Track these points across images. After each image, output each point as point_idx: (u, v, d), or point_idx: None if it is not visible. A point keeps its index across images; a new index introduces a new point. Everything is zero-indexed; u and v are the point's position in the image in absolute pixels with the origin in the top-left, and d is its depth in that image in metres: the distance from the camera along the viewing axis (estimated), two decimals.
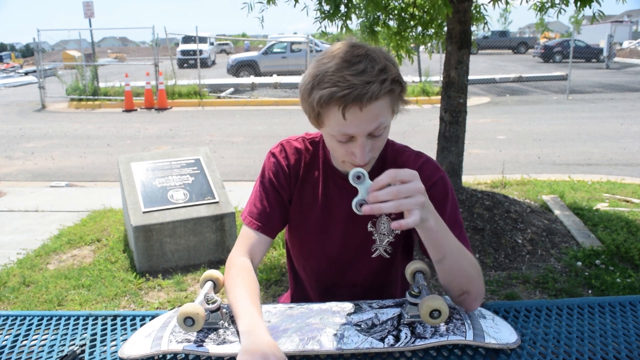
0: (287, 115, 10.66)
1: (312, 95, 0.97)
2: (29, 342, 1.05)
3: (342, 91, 0.93)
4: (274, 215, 1.19)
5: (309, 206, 1.21)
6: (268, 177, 1.20)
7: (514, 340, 0.94)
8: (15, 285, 3.18)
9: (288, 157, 1.21)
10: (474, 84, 14.56)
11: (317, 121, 1.02)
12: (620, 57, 24.59)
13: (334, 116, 0.97)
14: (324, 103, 0.96)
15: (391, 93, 0.97)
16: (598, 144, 7.26)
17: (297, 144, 1.23)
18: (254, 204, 1.20)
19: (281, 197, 1.20)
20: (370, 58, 0.96)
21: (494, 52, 31.58)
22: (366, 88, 0.92)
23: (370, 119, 0.96)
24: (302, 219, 1.22)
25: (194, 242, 3.48)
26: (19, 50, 52.02)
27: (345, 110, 0.94)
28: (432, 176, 1.13)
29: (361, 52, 0.97)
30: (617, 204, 4.46)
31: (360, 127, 0.97)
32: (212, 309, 1.00)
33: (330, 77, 0.95)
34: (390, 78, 0.96)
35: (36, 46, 13.31)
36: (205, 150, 4.00)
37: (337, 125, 0.98)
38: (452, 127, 3.79)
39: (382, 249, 1.19)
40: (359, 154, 1.00)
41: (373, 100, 0.94)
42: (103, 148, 7.84)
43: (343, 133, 0.99)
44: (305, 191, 1.21)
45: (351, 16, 3.56)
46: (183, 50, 22.86)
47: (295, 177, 1.21)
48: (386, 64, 0.96)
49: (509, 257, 3.37)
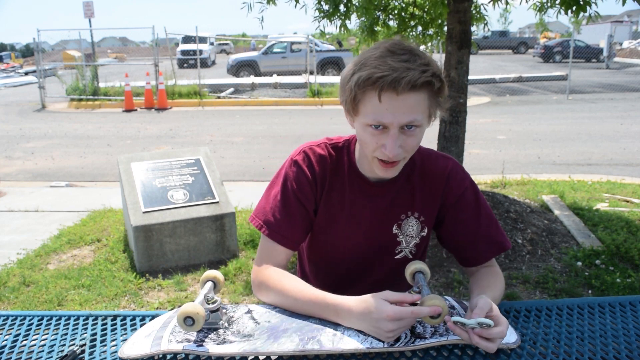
0: (287, 115, 10.66)
1: (352, 78, 0.99)
2: (29, 342, 1.05)
3: (382, 73, 0.94)
4: (296, 228, 1.15)
5: (335, 212, 1.19)
6: (291, 188, 1.15)
7: (513, 340, 0.95)
8: (15, 285, 3.18)
9: (313, 166, 1.17)
10: (474, 84, 14.56)
11: (353, 107, 1.02)
12: (620, 57, 24.59)
13: (370, 100, 0.98)
14: (362, 83, 0.96)
15: (430, 86, 0.97)
16: (598, 144, 7.26)
17: (321, 150, 1.18)
18: (271, 213, 1.15)
19: (305, 209, 1.16)
20: (415, 53, 0.98)
21: (494, 52, 31.57)
22: (405, 73, 0.94)
23: (405, 109, 0.97)
24: (328, 225, 1.20)
25: (194, 242, 3.48)
26: (19, 50, 52.03)
27: (382, 93, 0.95)
28: (463, 181, 1.18)
29: (407, 47, 0.99)
30: (617, 204, 4.46)
31: (394, 116, 0.97)
32: (212, 309, 1.00)
33: (373, 62, 0.96)
34: (432, 71, 0.97)
35: (36, 46, 13.31)
36: (205, 150, 4.00)
37: (372, 111, 0.98)
38: (452, 127, 3.79)
39: (408, 250, 1.20)
40: (390, 145, 0.99)
41: (411, 88, 0.94)
42: (103, 148, 7.84)
43: (377, 120, 0.98)
44: (331, 198, 1.18)
45: (350, 16, 3.56)
46: (183, 50, 22.82)
47: (322, 186, 1.17)
48: (430, 61, 0.99)
49: (509, 257, 3.37)
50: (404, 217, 1.18)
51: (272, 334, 0.96)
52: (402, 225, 1.18)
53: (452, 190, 1.16)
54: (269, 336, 0.96)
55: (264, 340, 0.95)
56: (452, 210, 1.17)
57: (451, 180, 1.17)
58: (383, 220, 1.18)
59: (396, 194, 1.17)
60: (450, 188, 1.16)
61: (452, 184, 1.17)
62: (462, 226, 1.17)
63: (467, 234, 1.16)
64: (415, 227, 1.19)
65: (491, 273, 1.16)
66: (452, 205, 1.17)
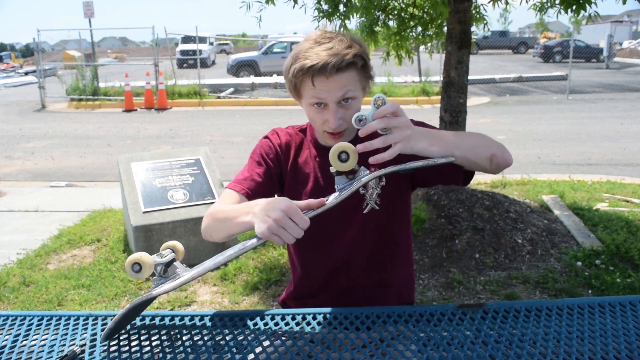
0: (287, 115, 10.66)
1: (290, 70, 1.16)
2: (29, 342, 1.05)
3: (312, 62, 1.11)
4: (259, 184, 1.26)
5: (304, 182, 1.30)
6: (259, 152, 1.32)
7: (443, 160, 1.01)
8: (15, 285, 3.18)
9: (280, 138, 1.34)
10: (474, 84, 14.56)
11: (296, 93, 1.20)
12: (620, 57, 24.58)
13: (306, 85, 1.15)
14: (297, 73, 1.14)
15: (353, 65, 1.13)
16: (598, 144, 7.26)
17: (288, 129, 1.38)
18: (241, 174, 1.29)
19: (270, 171, 1.29)
20: (338, 39, 1.15)
21: (494, 52, 31.56)
22: (330, 59, 1.10)
23: (337, 87, 1.13)
24: (299, 195, 1.29)
25: (194, 242, 3.48)
26: (19, 50, 51.97)
27: (314, 79, 1.12)
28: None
29: (330, 35, 1.16)
30: (617, 204, 4.46)
31: (329, 94, 1.13)
32: (164, 262, 1.04)
33: (304, 54, 1.14)
34: (353, 53, 1.12)
35: (36, 46, 13.31)
36: (205, 150, 4.00)
37: (311, 94, 1.15)
38: (452, 127, 3.79)
39: (373, 201, 1.26)
40: (331, 118, 1.16)
41: (336, 69, 1.10)
42: (103, 148, 7.84)
43: (316, 98, 1.15)
44: (298, 169, 1.31)
45: (350, 16, 3.56)
46: (182, 51, 22.64)
47: (287, 156, 1.32)
48: (352, 44, 1.15)
49: (509, 257, 3.37)
50: None
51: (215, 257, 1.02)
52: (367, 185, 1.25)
53: None
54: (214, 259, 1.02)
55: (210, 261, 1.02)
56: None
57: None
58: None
59: None
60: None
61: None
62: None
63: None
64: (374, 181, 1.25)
65: None
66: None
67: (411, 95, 12.39)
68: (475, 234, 3.48)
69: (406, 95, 12.40)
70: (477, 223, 3.55)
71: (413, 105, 11.84)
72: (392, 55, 4.40)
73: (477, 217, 3.61)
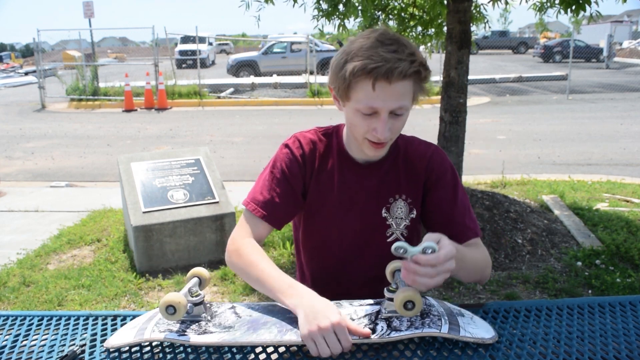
0: (287, 115, 10.66)
1: (345, 67, 1.04)
2: (29, 342, 1.05)
3: (376, 64, 1.00)
4: (280, 206, 1.19)
5: (326, 194, 1.23)
6: (280, 167, 1.21)
7: (490, 336, 0.94)
8: (15, 285, 3.18)
9: (303, 147, 1.23)
10: (474, 84, 14.56)
11: (345, 94, 1.08)
12: (620, 57, 24.58)
13: (363, 88, 1.04)
14: (357, 72, 1.02)
15: (417, 75, 1.05)
16: (598, 144, 7.26)
17: (311, 135, 1.26)
18: (260, 192, 1.20)
19: (292, 188, 1.20)
20: (402, 43, 1.04)
21: (494, 52, 31.56)
22: (397, 64, 1.00)
23: (396, 96, 1.04)
24: (319, 207, 1.24)
25: (194, 242, 3.48)
26: (19, 50, 51.96)
27: (376, 82, 1.02)
28: (444, 163, 1.23)
29: (394, 37, 1.05)
30: (617, 204, 4.46)
31: (385, 102, 1.04)
32: (195, 301, 1.02)
33: (365, 52, 1.02)
34: (419, 61, 1.04)
35: (36, 46, 13.31)
36: (205, 150, 4.00)
37: (365, 98, 1.04)
38: (452, 127, 3.79)
39: (399, 232, 1.23)
40: (381, 128, 1.06)
41: (402, 77, 1.01)
42: (103, 148, 7.84)
43: (370, 106, 1.05)
44: (321, 180, 1.23)
45: (349, 15, 3.56)
46: (181, 51, 22.50)
47: (311, 167, 1.23)
48: (415, 50, 1.06)
49: (509, 257, 3.37)
50: (392, 200, 1.22)
51: (252, 326, 0.98)
52: (391, 208, 1.22)
53: (434, 170, 1.22)
54: (249, 328, 0.98)
55: (244, 331, 0.97)
56: (432, 190, 1.22)
57: (433, 161, 1.22)
58: (372, 202, 1.22)
59: (384, 176, 1.22)
60: (431, 168, 1.22)
61: (434, 165, 1.22)
62: (439, 206, 1.21)
63: (443, 215, 1.20)
64: (404, 209, 1.22)
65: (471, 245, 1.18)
66: (432, 184, 1.22)
67: None
68: None
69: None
70: None
71: (413, 105, 11.82)
72: None
73: (477, 217, 3.60)
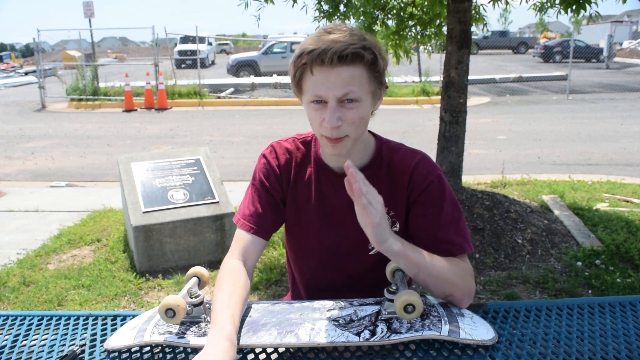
0: (287, 115, 10.66)
1: (292, 58, 1.05)
2: (29, 342, 1.05)
3: (312, 47, 1.00)
4: (266, 217, 1.19)
5: (303, 205, 1.21)
6: (259, 178, 1.22)
7: (490, 337, 0.94)
8: (15, 285, 3.17)
9: (278, 157, 1.23)
10: (474, 84, 14.56)
11: (298, 89, 1.09)
12: (620, 57, 24.57)
13: (307, 76, 1.04)
14: (297, 60, 1.03)
15: (360, 60, 1.01)
16: (598, 144, 7.26)
17: (288, 144, 1.24)
18: (246, 206, 1.21)
19: (273, 198, 1.21)
20: (350, 32, 1.03)
21: (494, 52, 31.55)
22: (332, 45, 0.99)
23: (339, 82, 1.01)
24: (297, 218, 1.22)
25: (194, 242, 3.48)
26: (19, 50, 51.96)
27: (313, 66, 1.01)
28: (429, 175, 1.14)
29: (343, 28, 1.04)
30: (617, 204, 4.46)
31: (329, 89, 1.01)
32: (195, 302, 1.02)
33: (308, 41, 1.03)
34: (361, 45, 1.00)
35: (36, 46, 13.31)
36: (205, 150, 4.00)
37: (311, 87, 1.03)
38: (452, 127, 3.79)
39: None
40: (328, 116, 1.03)
41: (339, 59, 0.99)
42: (103, 148, 7.84)
43: (315, 94, 1.03)
44: (298, 191, 1.21)
45: (350, 16, 3.57)
46: (180, 51, 22.43)
47: (287, 177, 1.22)
48: (365, 37, 1.03)
49: (509, 257, 3.37)
50: None
51: (252, 328, 0.98)
52: None
53: (416, 184, 1.14)
54: (249, 330, 0.98)
55: (244, 333, 0.97)
56: (415, 205, 1.15)
57: (415, 175, 1.15)
58: (351, 215, 1.10)
59: None
60: (414, 182, 1.14)
61: (416, 178, 1.14)
62: (422, 223, 1.14)
63: (426, 231, 1.13)
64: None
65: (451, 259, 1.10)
66: (415, 199, 1.15)
67: (411, 95, 12.38)
68: (475, 234, 3.48)
69: (406, 95, 12.39)
70: (477, 223, 3.55)
71: (413, 105, 11.83)
72: (391, 54, 4.41)
73: (477, 217, 3.60)
